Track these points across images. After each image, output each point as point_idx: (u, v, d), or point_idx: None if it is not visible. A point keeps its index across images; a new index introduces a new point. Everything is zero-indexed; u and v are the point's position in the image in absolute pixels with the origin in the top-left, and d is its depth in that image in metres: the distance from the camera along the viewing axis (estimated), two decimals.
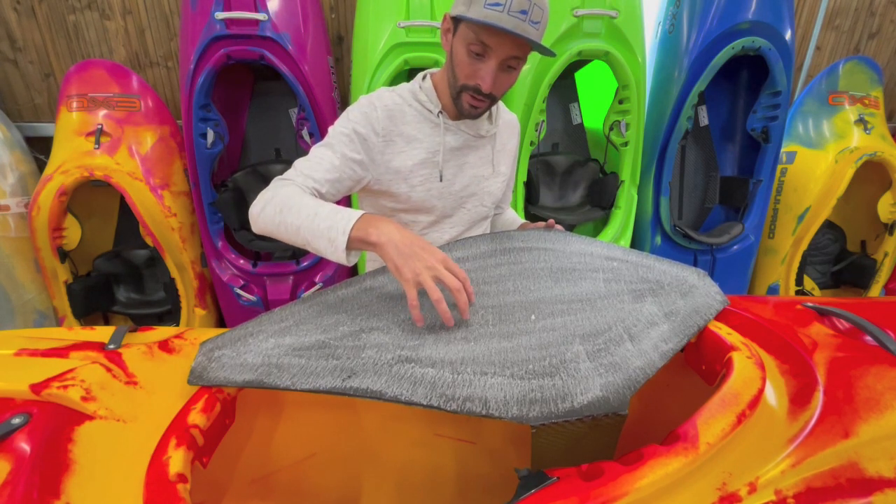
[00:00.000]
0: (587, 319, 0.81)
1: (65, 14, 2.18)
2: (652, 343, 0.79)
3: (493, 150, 1.09)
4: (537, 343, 0.75)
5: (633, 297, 0.88)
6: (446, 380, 0.68)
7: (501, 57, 0.86)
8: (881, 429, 0.69)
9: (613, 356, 0.75)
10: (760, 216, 2.29)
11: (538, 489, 0.60)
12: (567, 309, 0.82)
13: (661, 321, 0.84)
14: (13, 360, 0.80)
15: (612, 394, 0.69)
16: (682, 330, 0.85)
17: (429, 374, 0.69)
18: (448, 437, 1.13)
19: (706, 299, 0.93)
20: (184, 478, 0.65)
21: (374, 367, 0.71)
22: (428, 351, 0.73)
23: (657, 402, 1.14)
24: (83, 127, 1.99)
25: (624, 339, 0.78)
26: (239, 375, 0.71)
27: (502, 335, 0.76)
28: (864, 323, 0.91)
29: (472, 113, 0.95)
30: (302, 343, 0.75)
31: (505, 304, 0.82)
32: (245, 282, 2.10)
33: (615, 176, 2.14)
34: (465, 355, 0.72)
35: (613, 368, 0.73)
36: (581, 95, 2.46)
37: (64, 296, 2.06)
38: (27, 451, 0.63)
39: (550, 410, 0.66)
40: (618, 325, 0.81)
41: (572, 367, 0.72)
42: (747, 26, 1.97)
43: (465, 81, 0.90)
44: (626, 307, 0.85)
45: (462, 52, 0.88)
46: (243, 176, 2.19)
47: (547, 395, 0.67)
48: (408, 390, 0.67)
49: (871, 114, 2.35)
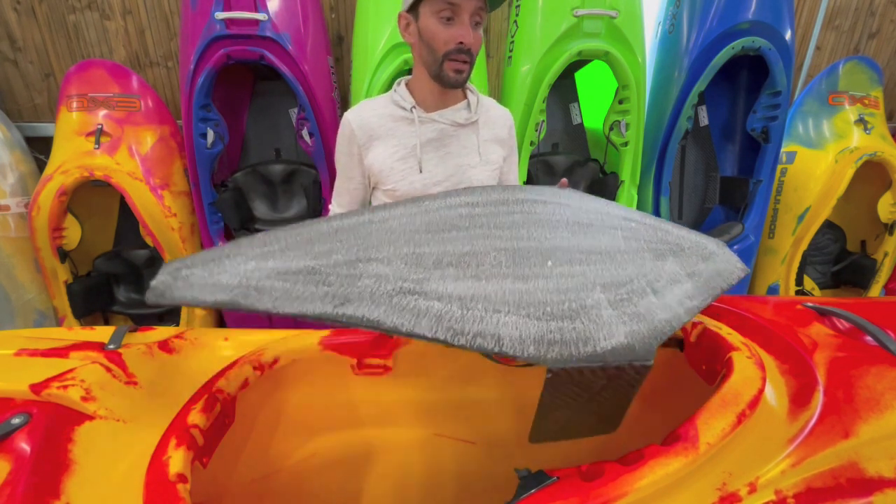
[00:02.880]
0: (607, 271, 0.75)
1: (65, 14, 2.18)
2: (676, 299, 0.74)
3: (478, 138, 1.09)
4: (555, 287, 0.69)
5: (653, 255, 0.82)
6: (454, 314, 0.62)
7: (470, 11, 0.93)
8: (881, 429, 0.69)
9: (637, 307, 0.69)
10: (760, 216, 2.29)
11: (538, 489, 0.60)
12: (586, 259, 0.76)
13: (683, 280, 0.79)
14: (13, 360, 0.80)
15: (638, 342, 0.63)
16: (706, 290, 0.79)
17: (434, 307, 0.62)
18: (448, 437, 1.13)
19: (727, 265, 0.88)
20: (184, 478, 0.65)
21: (371, 296, 0.63)
22: (434, 285, 0.66)
23: (657, 402, 1.14)
24: (83, 127, 1.98)
25: (647, 292, 0.72)
26: (210, 295, 0.61)
27: (516, 276, 0.70)
28: (864, 323, 0.91)
29: (458, 79, 0.98)
30: (287, 268, 0.65)
31: (519, 249, 0.76)
32: None
33: (615, 176, 2.14)
34: (476, 292, 0.66)
35: (637, 318, 0.67)
36: (581, 95, 2.46)
37: (64, 296, 2.06)
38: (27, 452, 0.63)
39: (571, 353, 0.60)
40: (640, 279, 0.75)
41: (594, 313, 0.66)
42: (747, 26, 1.97)
43: (445, 48, 0.95)
44: (647, 264, 0.79)
45: (433, 25, 0.94)
46: (243, 176, 2.19)
47: (567, 337, 0.62)
48: (409, 321, 0.60)
49: (871, 114, 2.35)
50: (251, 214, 2.21)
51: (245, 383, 0.90)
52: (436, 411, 1.14)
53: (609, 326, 0.65)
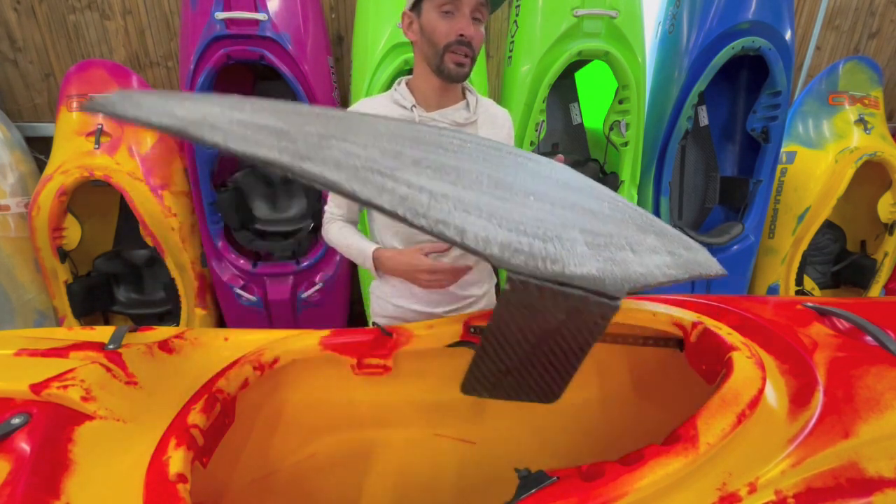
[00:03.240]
0: (588, 222, 0.70)
1: (65, 14, 2.18)
2: (654, 263, 0.70)
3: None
4: (533, 216, 0.64)
5: (637, 228, 0.78)
6: (421, 200, 0.55)
7: (471, 5, 0.95)
8: (881, 429, 0.69)
9: (613, 255, 0.65)
10: (760, 216, 2.29)
11: (538, 489, 0.60)
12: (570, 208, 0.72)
13: (663, 253, 0.75)
14: (13, 360, 0.80)
15: (609, 278, 0.58)
16: (684, 267, 0.75)
17: (401, 189, 0.56)
18: (448, 437, 1.13)
19: (707, 260, 0.86)
20: (184, 478, 0.65)
21: (336, 162, 0.55)
22: (406, 175, 0.59)
23: (657, 402, 1.14)
24: (83, 127, 1.99)
25: (626, 248, 0.68)
26: (157, 118, 0.51)
27: (496, 197, 0.64)
28: (864, 323, 0.91)
29: (460, 72, 0.99)
30: (254, 121, 0.56)
31: (503, 179, 0.71)
32: (245, 282, 2.10)
33: (615, 176, 2.13)
34: (449, 193, 0.59)
35: (612, 262, 0.62)
36: (581, 95, 2.46)
37: (64, 296, 2.06)
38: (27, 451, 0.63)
39: (537, 266, 0.54)
40: (620, 237, 0.70)
41: (568, 244, 0.61)
42: (747, 26, 1.97)
43: (446, 40, 0.96)
44: (629, 230, 0.75)
45: (434, 20, 0.96)
46: (243, 176, 2.19)
47: (536, 251, 0.56)
48: (370, 192, 0.53)
49: (871, 114, 2.35)
50: (251, 214, 2.21)
51: (245, 383, 0.90)
52: (436, 411, 1.14)
53: (582, 257, 0.59)
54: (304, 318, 2.17)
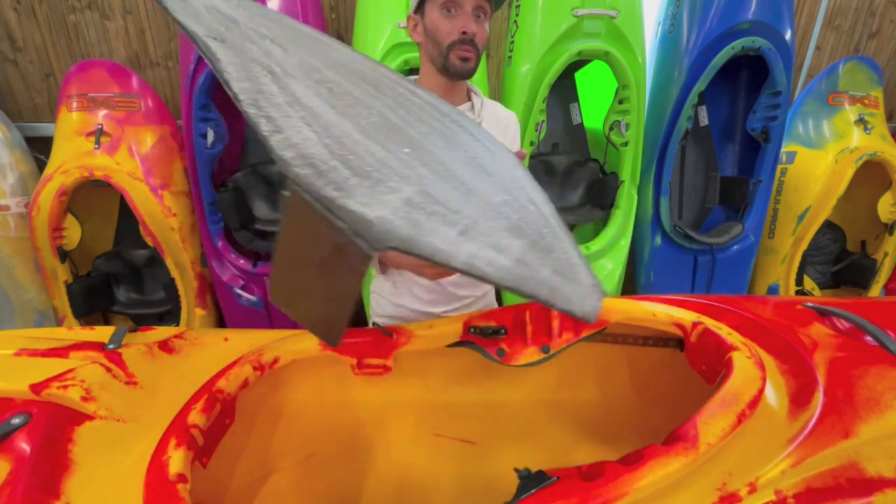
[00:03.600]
0: (445, 193, 0.64)
1: (65, 14, 2.18)
2: (476, 253, 0.59)
3: None
4: (378, 154, 0.61)
5: (506, 226, 0.67)
6: (272, 96, 0.56)
7: (472, 3, 0.96)
8: (881, 429, 0.69)
9: (426, 222, 0.58)
10: (760, 216, 2.29)
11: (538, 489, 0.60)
12: (441, 173, 0.67)
13: (508, 255, 0.62)
14: (13, 360, 0.80)
15: (382, 229, 0.53)
16: (523, 280, 0.60)
17: (263, 80, 0.57)
18: (448, 437, 1.13)
19: (578, 297, 0.64)
20: (184, 478, 0.65)
21: (242, 50, 0.57)
22: (288, 80, 0.60)
23: (657, 402, 1.14)
24: (83, 127, 1.98)
25: (454, 226, 0.60)
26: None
27: (361, 126, 0.62)
28: (864, 323, 0.91)
29: (465, 68, 1.00)
30: (223, 8, 0.61)
31: (395, 124, 0.68)
32: (245, 282, 2.09)
33: (615, 176, 2.13)
34: (312, 106, 0.59)
35: (414, 224, 0.56)
36: (581, 95, 2.46)
37: (64, 296, 2.06)
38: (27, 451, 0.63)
39: (315, 184, 0.52)
40: (464, 218, 0.62)
41: (379, 187, 0.57)
42: (747, 26, 1.97)
43: (449, 39, 0.98)
44: (488, 223, 0.66)
45: (437, 18, 0.97)
46: (243, 176, 2.18)
47: (328, 173, 0.54)
48: (229, 67, 0.55)
49: (871, 114, 2.34)
50: (251, 215, 2.21)
51: (245, 383, 0.90)
52: (436, 411, 1.14)
53: (376, 199, 0.55)
54: None
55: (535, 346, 1.00)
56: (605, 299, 1.04)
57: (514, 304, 1.06)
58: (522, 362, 0.99)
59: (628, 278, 2.32)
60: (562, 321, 1.02)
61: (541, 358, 0.99)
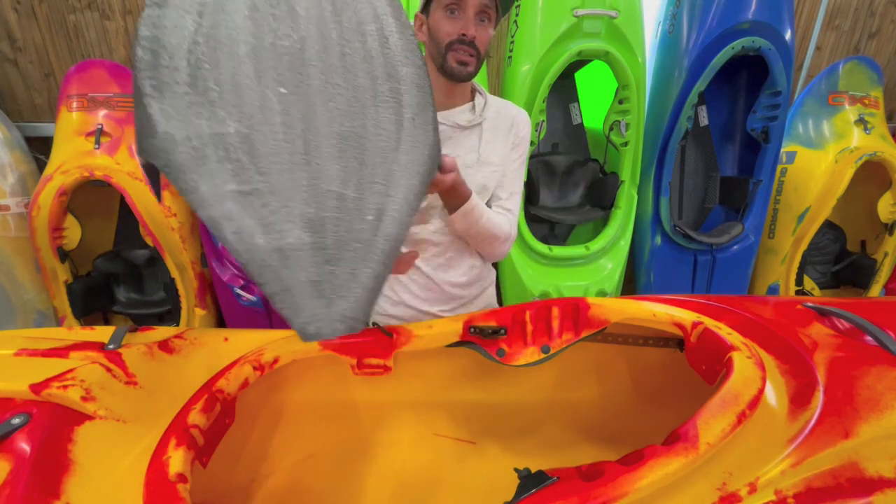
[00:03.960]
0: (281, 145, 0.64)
1: (65, 14, 2.18)
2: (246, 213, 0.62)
3: (481, 139, 1.09)
4: (237, 83, 0.62)
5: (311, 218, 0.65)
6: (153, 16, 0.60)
7: (475, 6, 0.96)
8: (881, 429, 0.69)
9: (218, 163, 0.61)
10: (760, 216, 2.29)
11: (538, 489, 0.60)
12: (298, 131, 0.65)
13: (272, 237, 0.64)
14: (13, 360, 0.80)
15: (163, 144, 0.59)
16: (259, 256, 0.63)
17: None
18: (448, 437, 1.13)
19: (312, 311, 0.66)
20: (184, 478, 0.65)
21: None
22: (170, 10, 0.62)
23: (657, 402, 1.14)
24: (83, 127, 1.98)
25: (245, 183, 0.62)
26: None
27: (257, 52, 0.64)
28: (864, 323, 0.91)
29: (463, 72, 0.99)
30: None
31: (303, 59, 0.66)
32: (245, 282, 2.09)
33: (615, 176, 2.13)
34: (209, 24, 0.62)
35: (197, 157, 0.60)
36: (581, 95, 2.46)
37: (64, 296, 2.06)
38: (27, 451, 0.63)
39: (141, 72, 0.58)
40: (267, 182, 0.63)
41: (203, 110, 0.61)
42: (747, 26, 1.97)
43: (448, 39, 0.97)
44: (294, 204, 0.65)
45: (440, 18, 0.98)
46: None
47: (164, 71, 0.59)
48: None
49: (871, 114, 2.34)
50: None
51: (245, 383, 0.90)
52: (436, 411, 1.14)
53: (181, 117, 0.59)
54: None
55: (535, 346, 1.00)
56: (605, 299, 1.05)
57: (514, 305, 1.06)
58: (522, 362, 0.99)
59: (628, 278, 2.32)
60: (562, 321, 1.02)
61: (541, 358, 0.99)
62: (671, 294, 1.15)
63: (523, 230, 2.02)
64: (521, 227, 2.01)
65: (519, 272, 2.02)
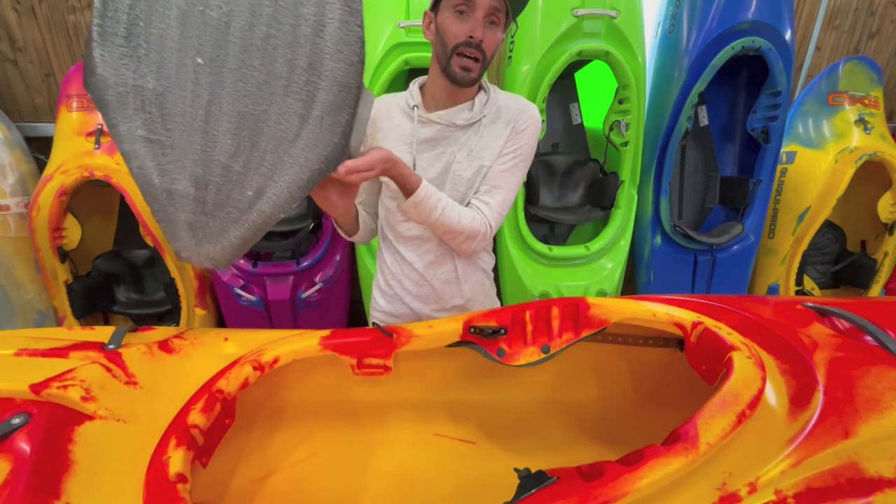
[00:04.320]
0: (187, 109, 0.72)
1: (65, 14, 2.18)
2: (147, 153, 0.74)
3: (478, 136, 1.07)
4: (161, 44, 0.70)
5: (197, 176, 0.75)
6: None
7: (485, 8, 0.94)
8: (881, 429, 0.69)
9: (135, 110, 0.71)
10: (760, 216, 2.29)
11: (538, 489, 0.60)
12: (203, 99, 0.72)
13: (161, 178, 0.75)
14: (13, 360, 0.80)
15: (101, 83, 0.70)
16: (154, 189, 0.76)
17: None
18: (448, 437, 1.14)
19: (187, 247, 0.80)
20: (184, 478, 0.65)
21: None
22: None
23: (657, 402, 1.14)
24: (83, 127, 1.98)
25: (151, 132, 0.73)
26: None
27: (185, 17, 0.70)
28: (864, 323, 0.91)
29: (466, 77, 0.98)
30: None
31: (225, 32, 0.70)
32: (245, 282, 2.09)
33: (615, 176, 2.13)
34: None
35: (122, 100, 0.71)
36: (581, 95, 2.46)
37: (64, 296, 2.06)
38: (27, 451, 0.63)
39: (94, 17, 0.69)
40: (170, 136, 0.73)
41: (130, 62, 0.70)
42: (747, 26, 1.97)
43: (455, 41, 0.96)
44: (187, 160, 0.74)
45: (449, 19, 0.96)
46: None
47: (109, 20, 0.68)
48: None
49: (871, 114, 2.34)
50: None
51: (245, 383, 0.90)
52: (436, 411, 1.14)
53: (114, 64, 0.69)
54: (303, 318, 2.17)
55: (535, 346, 1.00)
56: (605, 299, 1.05)
57: (514, 305, 1.06)
58: (522, 362, 0.99)
59: (628, 278, 2.32)
60: (562, 321, 1.02)
61: (541, 358, 0.99)
62: (671, 294, 1.15)
63: (523, 230, 2.02)
64: (522, 227, 2.01)
65: (519, 272, 2.02)
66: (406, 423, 1.13)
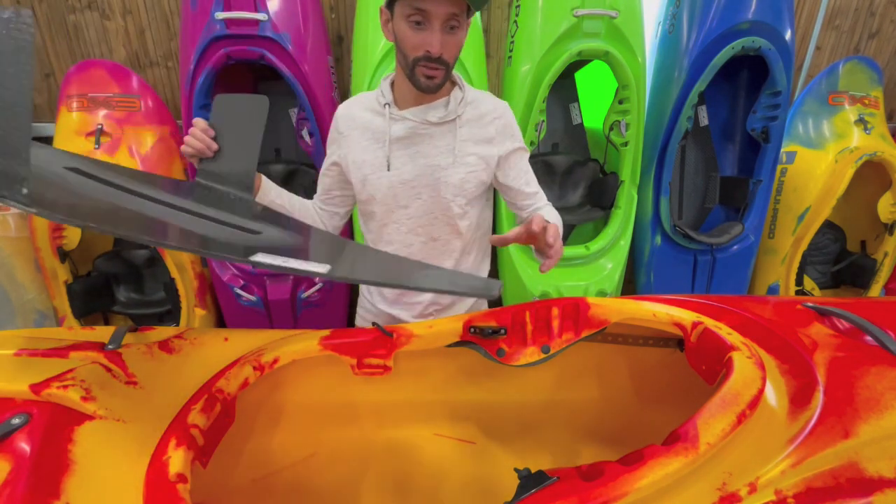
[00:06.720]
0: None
1: (65, 14, 2.18)
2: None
3: (456, 138, 1.03)
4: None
5: None
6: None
7: (441, 18, 0.88)
8: (881, 429, 0.69)
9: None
10: (760, 216, 2.29)
11: (538, 489, 0.60)
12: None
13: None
14: (13, 360, 0.80)
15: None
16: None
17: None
18: (448, 437, 1.14)
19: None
20: (184, 478, 0.65)
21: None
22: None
23: (657, 402, 1.14)
24: (83, 127, 1.98)
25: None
26: None
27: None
28: (864, 323, 0.91)
29: (430, 85, 0.96)
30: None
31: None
32: (245, 282, 2.09)
33: (615, 176, 2.13)
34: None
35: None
36: (581, 95, 2.46)
37: (64, 296, 2.06)
38: (27, 451, 0.63)
39: None
40: None
41: None
42: (747, 26, 1.97)
43: (414, 54, 0.92)
44: None
45: (404, 28, 0.91)
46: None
47: None
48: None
49: (871, 114, 2.34)
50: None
51: (245, 383, 0.90)
52: (436, 411, 1.14)
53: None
54: (304, 318, 2.17)
55: (535, 346, 1.00)
56: (605, 299, 1.05)
57: (515, 305, 1.06)
58: (522, 362, 0.99)
59: (628, 278, 2.32)
60: (562, 321, 1.02)
61: (541, 358, 0.99)
62: (671, 294, 1.15)
63: None
64: None
65: (519, 272, 2.02)
66: (406, 423, 1.13)
